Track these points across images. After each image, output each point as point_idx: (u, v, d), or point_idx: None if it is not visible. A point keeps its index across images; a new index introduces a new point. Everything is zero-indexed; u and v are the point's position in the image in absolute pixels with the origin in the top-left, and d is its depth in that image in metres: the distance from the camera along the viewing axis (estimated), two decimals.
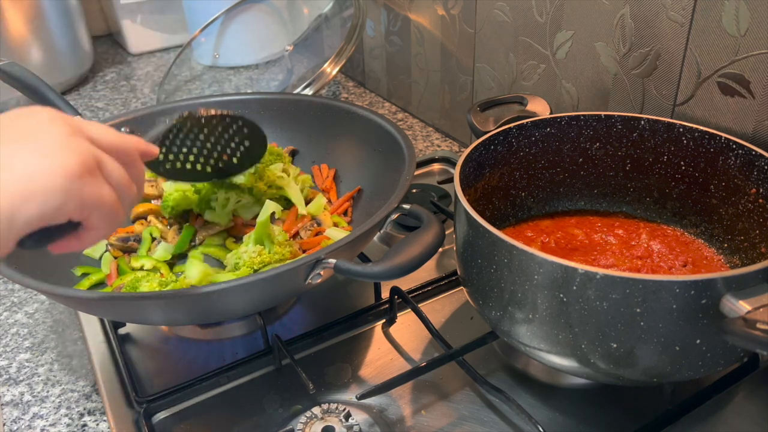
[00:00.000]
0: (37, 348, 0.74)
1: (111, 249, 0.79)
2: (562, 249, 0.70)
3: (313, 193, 0.87)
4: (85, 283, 0.75)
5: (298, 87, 1.17)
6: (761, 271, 0.49)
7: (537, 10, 0.88)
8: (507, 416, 0.62)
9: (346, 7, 1.21)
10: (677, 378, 0.54)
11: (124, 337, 0.74)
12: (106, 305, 0.61)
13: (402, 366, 0.69)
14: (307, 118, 0.92)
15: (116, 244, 0.79)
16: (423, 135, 1.18)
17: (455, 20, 1.05)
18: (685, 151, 0.69)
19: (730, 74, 0.68)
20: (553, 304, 0.53)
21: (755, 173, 0.63)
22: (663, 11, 0.72)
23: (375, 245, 0.87)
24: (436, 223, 0.61)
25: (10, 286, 0.85)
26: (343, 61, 1.17)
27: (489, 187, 0.73)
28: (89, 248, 0.78)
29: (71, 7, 1.41)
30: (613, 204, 0.77)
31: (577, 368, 0.56)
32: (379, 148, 0.83)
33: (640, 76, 0.77)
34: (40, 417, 0.66)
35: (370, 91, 1.37)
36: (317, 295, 0.79)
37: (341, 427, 0.60)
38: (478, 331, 0.68)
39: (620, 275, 0.49)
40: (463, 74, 1.07)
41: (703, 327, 0.50)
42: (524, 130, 0.72)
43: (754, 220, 0.64)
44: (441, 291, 0.79)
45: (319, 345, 0.72)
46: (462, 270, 0.64)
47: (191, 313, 0.62)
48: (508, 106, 0.79)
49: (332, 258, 0.59)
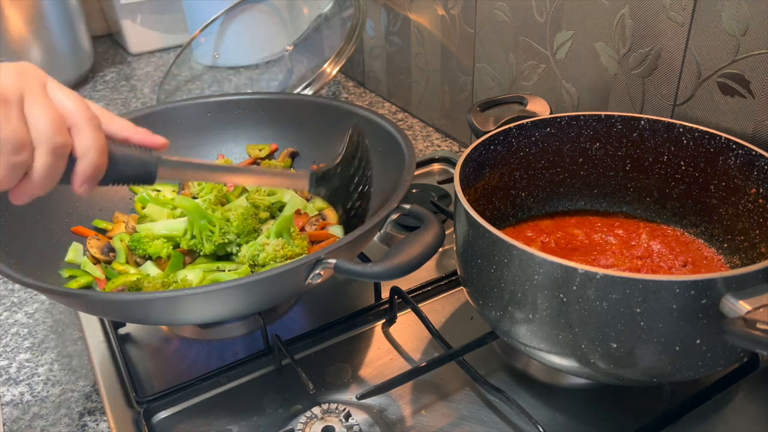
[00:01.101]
0: (37, 348, 0.74)
1: (88, 255, 0.77)
2: (562, 249, 0.70)
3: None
4: (73, 285, 0.73)
5: (298, 87, 1.17)
6: (761, 271, 0.49)
7: (537, 10, 0.88)
8: (507, 416, 0.62)
9: (346, 7, 1.21)
10: (677, 378, 0.54)
11: (124, 337, 0.74)
12: (107, 305, 0.61)
13: (402, 366, 0.69)
14: (307, 118, 0.92)
15: (98, 257, 0.76)
16: (423, 135, 1.18)
17: (455, 20, 1.05)
18: (685, 151, 0.69)
19: (730, 74, 0.68)
20: (553, 304, 0.53)
21: (755, 173, 0.63)
22: (663, 11, 0.72)
23: (375, 245, 0.87)
24: (436, 223, 0.61)
25: (10, 286, 0.85)
26: (343, 61, 1.17)
27: (489, 187, 0.73)
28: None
29: (71, 7, 1.41)
30: (613, 204, 0.77)
31: (577, 368, 0.56)
32: (379, 148, 0.83)
33: (640, 76, 0.77)
34: (40, 417, 0.66)
35: (370, 91, 1.37)
36: (317, 295, 0.79)
37: (341, 427, 0.60)
38: (478, 331, 0.68)
39: (620, 275, 0.49)
40: (463, 74, 1.07)
41: (703, 327, 0.50)
42: (524, 130, 0.72)
43: (754, 220, 0.64)
44: (441, 291, 0.79)
45: (319, 345, 0.72)
46: (462, 270, 0.64)
47: (192, 313, 0.62)
48: (508, 106, 0.79)
49: (332, 258, 0.59)
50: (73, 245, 0.76)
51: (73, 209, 0.81)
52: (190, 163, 0.63)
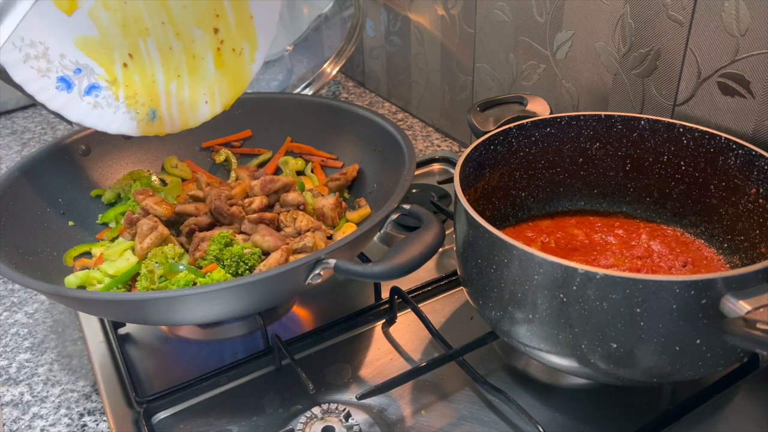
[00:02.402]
0: (37, 348, 0.74)
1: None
2: (562, 249, 0.70)
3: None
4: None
5: (298, 87, 1.17)
6: (761, 271, 0.49)
7: (537, 10, 0.88)
8: (507, 416, 0.62)
9: (346, 7, 1.21)
10: (677, 378, 0.54)
11: (124, 337, 0.74)
12: (107, 305, 0.61)
13: (402, 366, 0.69)
14: (307, 118, 0.92)
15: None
16: (423, 135, 1.18)
17: (455, 20, 1.05)
18: (685, 151, 0.69)
19: (730, 74, 0.68)
20: (553, 304, 0.53)
21: (755, 173, 0.63)
22: (663, 11, 0.72)
23: (375, 245, 0.87)
24: (436, 223, 0.61)
25: (10, 286, 0.85)
26: (343, 61, 1.17)
27: (489, 187, 0.73)
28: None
29: None
30: (613, 204, 0.77)
31: (577, 368, 0.56)
32: (379, 148, 0.83)
33: (640, 76, 0.77)
34: (40, 417, 0.66)
35: (370, 91, 1.37)
36: (317, 295, 0.79)
37: (341, 427, 0.60)
38: (478, 331, 0.68)
39: (620, 275, 0.49)
40: (463, 74, 1.07)
41: (703, 327, 0.50)
42: (524, 130, 0.72)
43: (754, 220, 0.64)
44: (441, 291, 0.79)
45: (319, 345, 0.72)
46: (462, 270, 0.64)
47: (192, 313, 0.62)
48: (508, 106, 0.79)
49: (332, 258, 0.59)
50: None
51: (72, 209, 0.81)
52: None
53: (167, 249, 0.73)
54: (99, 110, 0.74)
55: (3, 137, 1.25)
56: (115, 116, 0.75)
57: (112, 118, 0.75)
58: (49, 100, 0.72)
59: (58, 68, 0.72)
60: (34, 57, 0.70)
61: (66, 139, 0.83)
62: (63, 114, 0.73)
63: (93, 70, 0.73)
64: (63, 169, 0.82)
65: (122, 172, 0.88)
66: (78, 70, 0.72)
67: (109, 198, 0.85)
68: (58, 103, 0.72)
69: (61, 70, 0.72)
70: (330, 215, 0.79)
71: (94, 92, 0.74)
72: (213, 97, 0.80)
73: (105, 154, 0.87)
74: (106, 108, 0.74)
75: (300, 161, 0.91)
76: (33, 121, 1.31)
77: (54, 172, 0.81)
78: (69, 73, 0.72)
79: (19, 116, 1.34)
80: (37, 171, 0.79)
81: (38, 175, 0.79)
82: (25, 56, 0.69)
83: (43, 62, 0.70)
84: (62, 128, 1.27)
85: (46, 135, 1.25)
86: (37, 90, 0.71)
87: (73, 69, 0.72)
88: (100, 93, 0.74)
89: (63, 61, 0.71)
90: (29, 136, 1.25)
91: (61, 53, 0.71)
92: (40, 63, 0.70)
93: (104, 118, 0.75)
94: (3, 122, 1.31)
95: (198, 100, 0.79)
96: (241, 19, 0.79)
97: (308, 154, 0.91)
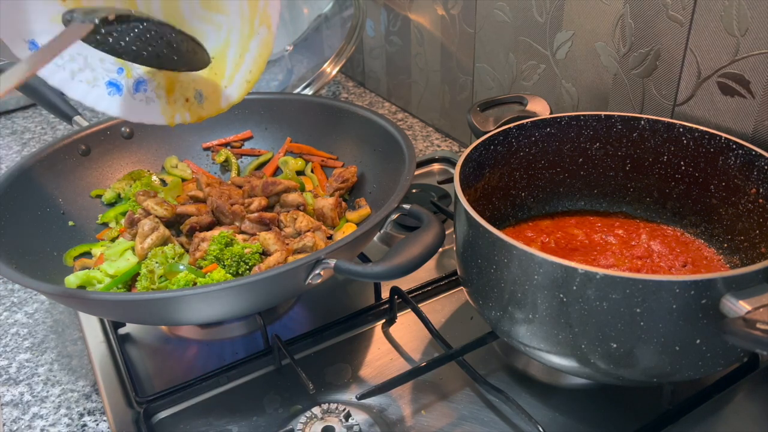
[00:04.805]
0: (37, 348, 0.74)
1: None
2: (562, 249, 0.70)
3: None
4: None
5: (298, 87, 1.17)
6: (761, 271, 0.49)
7: (537, 10, 0.88)
8: (507, 416, 0.62)
9: (346, 7, 1.21)
10: (677, 378, 0.54)
11: (124, 337, 0.74)
12: (107, 305, 0.61)
13: (402, 366, 0.69)
14: (307, 118, 0.92)
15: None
16: (423, 135, 1.18)
17: (455, 20, 1.05)
18: (685, 151, 0.69)
19: (730, 74, 0.68)
20: (553, 304, 0.53)
21: (755, 173, 0.63)
22: (663, 11, 0.72)
23: (375, 245, 0.87)
24: (436, 223, 0.61)
25: (10, 286, 0.85)
26: (343, 61, 1.17)
27: (489, 187, 0.73)
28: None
29: None
30: (613, 204, 0.77)
31: (577, 368, 0.56)
32: (379, 148, 0.83)
33: (640, 76, 0.77)
34: (40, 417, 0.66)
35: (370, 91, 1.37)
36: (317, 295, 0.79)
37: (341, 427, 0.60)
38: (478, 331, 0.68)
39: (620, 275, 0.49)
40: (463, 74, 1.07)
41: (703, 327, 0.50)
42: (524, 130, 0.72)
43: (754, 220, 0.64)
44: (441, 291, 0.79)
45: (319, 345, 0.72)
46: (462, 270, 0.64)
47: (192, 313, 0.62)
48: (508, 106, 0.79)
49: (332, 258, 0.59)
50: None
51: (73, 209, 0.81)
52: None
53: (167, 249, 0.73)
54: (153, 104, 0.73)
55: (3, 137, 1.25)
56: (167, 106, 0.74)
57: (166, 108, 0.74)
58: (108, 108, 0.71)
59: (103, 74, 0.71)
60: (79, 70, 0.70)
61: (66, 139, 0.83)
62: (128, 118, 0.72)
63: (132, 65, 0.72)
64: (63, 169, 0.82)
65: (122, 172, 0.88)
66: (120, 70, 0.72)
67: (109, 198, 0.85)
68: (118, 109, 0.72)
69: (106, 75, 0.71)
70: (330, 215, 0.79)
71: (141, 87, 0.73)
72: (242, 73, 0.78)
73: (105, 154, 0.87)
74: (158, 100, 0.73)
75: (300, 161, 0.91)
76: (33, 121, 1.31)
77: (54, 172, 0.81)
78: (114, 75, 0.71)
79: (19, 116, 1.34)
80: (37, 171, 0.79)
81: (38, 175, 0.79)
82: (71, 73, 0.69)
83: (88, 73, 0.70)
84: (62, 128, 1.27)
85: (46, 135, 1.25)
86: (94, 101, 0.70)
87: (116, 69, 0.71)
88: (147, 86, 0.73)
89: (104, 65, 0.71)
90: (29, 136, 1.25)
91: (99, 58, 0.70)
92: (86, 74, 0.70)
93: (156, 110, 0.73)
94: (3, 122, 1.31)
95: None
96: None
97: (308, 154, 0.91)
